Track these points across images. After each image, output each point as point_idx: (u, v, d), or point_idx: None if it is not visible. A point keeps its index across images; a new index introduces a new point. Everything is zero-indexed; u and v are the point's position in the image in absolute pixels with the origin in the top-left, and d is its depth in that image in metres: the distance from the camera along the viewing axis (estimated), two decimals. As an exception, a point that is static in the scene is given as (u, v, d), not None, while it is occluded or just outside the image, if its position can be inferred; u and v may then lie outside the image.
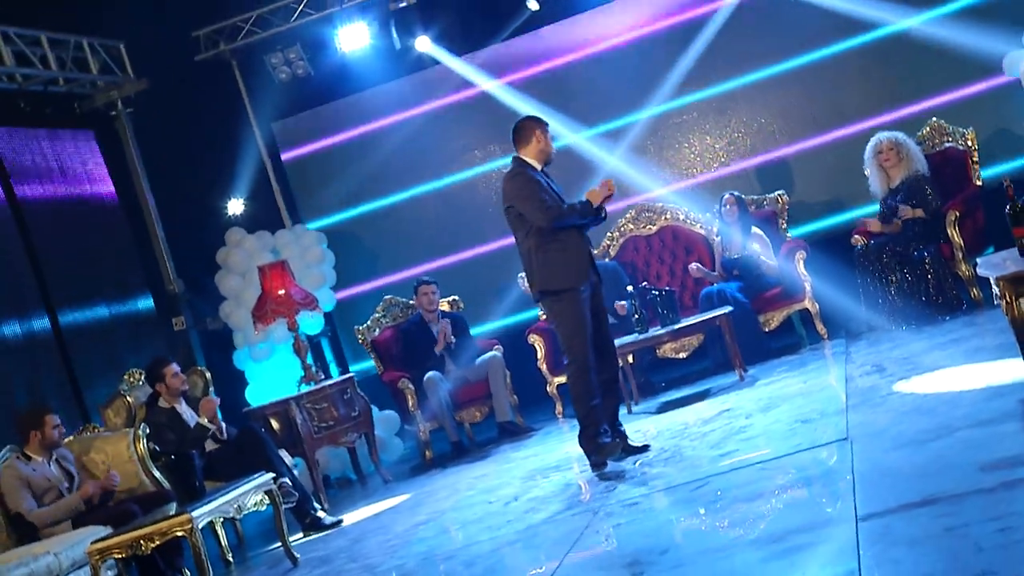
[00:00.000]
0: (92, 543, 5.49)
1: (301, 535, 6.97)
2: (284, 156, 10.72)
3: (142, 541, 5.40)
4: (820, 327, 8.34)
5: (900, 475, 4.13)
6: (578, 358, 6.06)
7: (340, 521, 7.10)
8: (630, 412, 7.77)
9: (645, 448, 6.18)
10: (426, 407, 8.51)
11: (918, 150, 8.02)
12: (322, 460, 8.45)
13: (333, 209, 10.59)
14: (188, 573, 6.42)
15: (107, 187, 10.12)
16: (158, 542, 5.45)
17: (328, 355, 10.59)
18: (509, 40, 10.09)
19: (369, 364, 9.64)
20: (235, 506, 5.86)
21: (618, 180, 9.50)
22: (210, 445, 7.15)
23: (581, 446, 6.15)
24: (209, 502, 5.65)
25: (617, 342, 7.56)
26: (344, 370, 10.25)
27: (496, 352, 8.76)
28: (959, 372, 5.61)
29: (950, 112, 8.78)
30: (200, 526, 5.48)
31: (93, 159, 10.04)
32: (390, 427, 9.32)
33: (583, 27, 10.02)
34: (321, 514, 7.11)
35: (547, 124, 6.28)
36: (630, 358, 8.15)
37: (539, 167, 6.19)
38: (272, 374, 9.57)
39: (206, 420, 7.09)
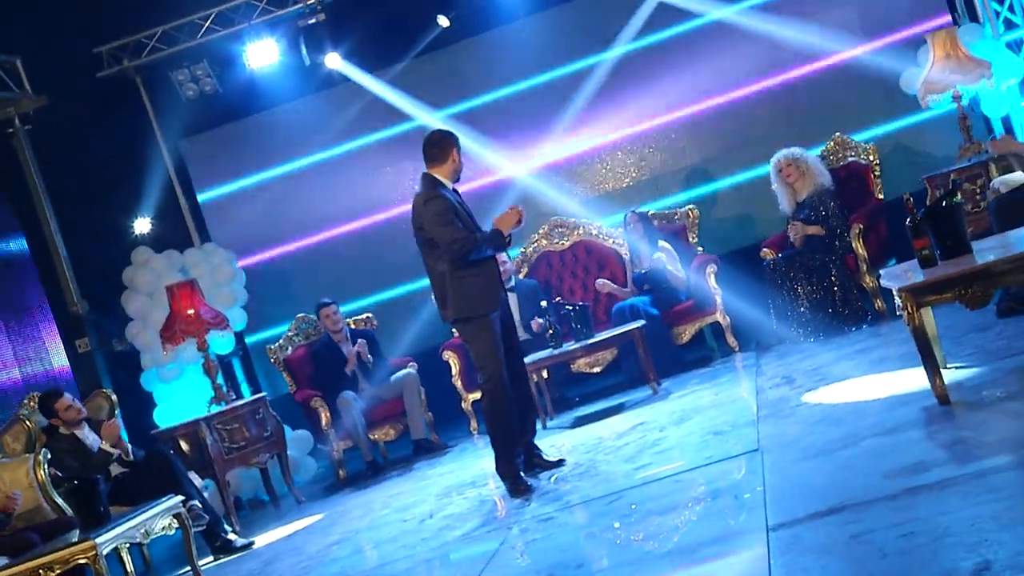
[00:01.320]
0: (-8, 573, 5.30)
1: (211, 559, 6.84)
2: (193, 173, 10.53)
3: (41, 571, 5.22)
4: (731, 340, 8.43)
5: (809, 485, 4.18)
6: (494, 381, 5.98)
7: (252, 543, 6.98)
8: (545, 427, 7.76)
9: (560, 463, 6.17)
10: (340, 426, 8.43)
11: (820, 164, 8.15)
12: (233, 481, 8.30)
13: (243, 228, 10.41)
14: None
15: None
16: (59, 571, 5.27)
17: (239, 375, 10.42)
18: (421, 56, 10.04)
19: (282, 384, 9.51)
20: (142, 531, 5.71)
21: (531, 196, 9.69)
22: (116, 469, 6.98)
23: (498, 472, 6.06)
24: (114, 527, 5.49)
25: (532, 358, 7.63)
26: (256, 390, 10.10)
27: (411, 369, 8.72)
28: (865, 382, 5.71)
29: (852, 122, 8.97)
30: (104, 552, 5.32)
31: (-12, 178, 9.77)
32: (303, 447, 9.19)
33: (495, 44, 10.04)
34: (232, 536, 6.98)
35: (457, 143, 6.16)
36: (544, 373, 8.15)
37: (450, 186, 6.11)
38: (181, 395, 9.39)
39: (108, 445, 6.91)
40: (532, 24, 9.96)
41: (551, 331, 7.90)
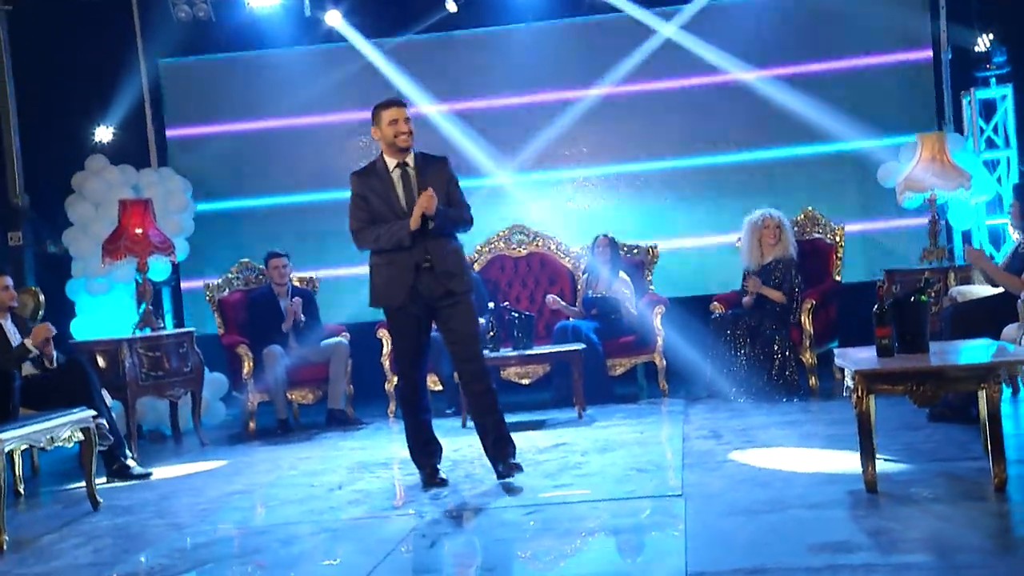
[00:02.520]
0: None
1: (105, 480, 6.68)
2: (167, 97, 10.34)
3: (-60, 452, 5.07)
4: (663, 383, 8.49)
5: (732, 540, 4.21)
6: (402, 379, 5.92)
7: (149, 474, 6.85)
8: (464, 426, 7.74)
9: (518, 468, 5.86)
10: (260, 379, 8.31)
11: (792, 234, 8.27)
12: (140, 409, 8.14)
13: (205, 163, 10.23)
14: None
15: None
16: (-43, 457, 5.14)
17: (166, 305, 10.22)
18: (422, 35, 9.98)
19: (206, 324, 9.37)
20: (48, 436, 5.57)
21: (502, 197, 9.69)
22: (28, 369, 6.80)
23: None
24: (22, 427, 5.36)
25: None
26: (179, 324, 9.93)
27: (342, 339, 8.64)
28: (793, 453, 5.78)
29: (824, 205, 9.09)
30: (5, 450, 5.19)
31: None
32: (216, 390, 9.06)
33: (496, 42, 10.03)
34: (131, 463, 6.85)
35: (395, 104, 5.70)
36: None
37: (393, 160, 5.68)
38: (103, 311, 9.21)
39: (31, 343, 6.73)
40: (537, 32, 9.95)
41: (492, 333, 7.89)
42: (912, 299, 4.94)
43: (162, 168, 9.96)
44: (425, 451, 5.86)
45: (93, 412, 6.08)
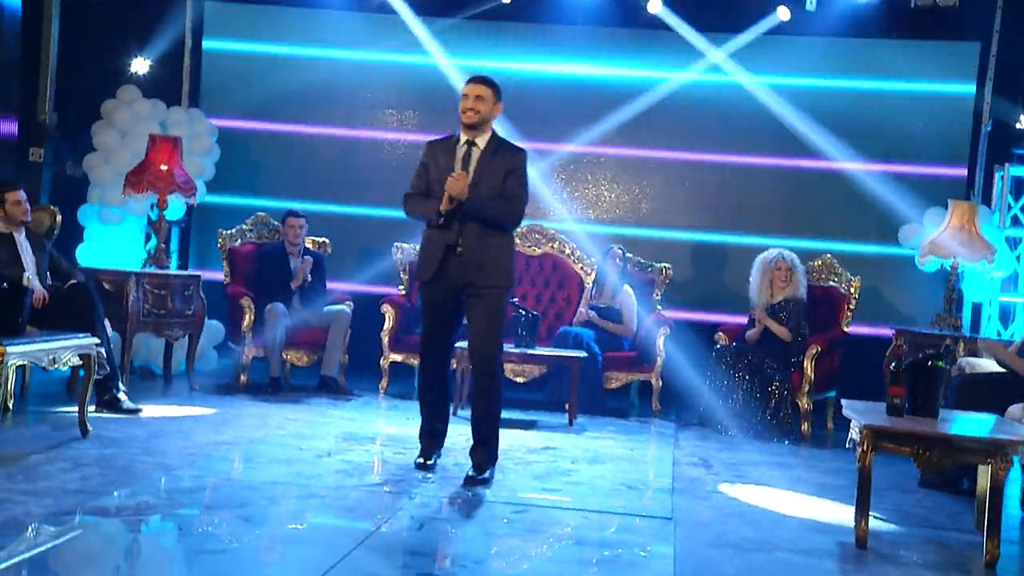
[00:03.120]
0: None
1: (94, 408, 6.64)
2: (206, 39, 10.30)
3: (-57, 357, 5.05)
4: (656, 403, 8.51)
5: (720, 571, 4.21)
6: (421, 352, 5.88)
7: (139, 410, 6.83)
8: (455, 414, 7.71)
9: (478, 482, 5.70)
10: (259, 333, 8.29)
11: (804, 277, 8.27)
12: (135, 345, 8.12)
13: (236, 110, 10.20)
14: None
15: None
16: (-42, 362, 5.11)
17: (173, 246, 10.18)
18: (472, 19, 9.96)
19: (210, 272, 9.34)
20: (51, 357, 5.56)
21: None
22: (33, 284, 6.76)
23: None
24: (29, 343, 5.33)
25: (462, 344, 7.59)
26: (183, 266, 9.90)
27: (346, 308, 8.62)
28: (782, 495, 5.78)
29: (850, 258, 9.12)
30: (10, 363, 5.16)
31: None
32: (212, 338, 9.05)
33: (542, 38, 10.02)
34: (122, 396, 6.83)
35: (471, 80, 5.66)
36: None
37: (464, 136, 5.61)
38: (112, 241, 9.17)
39: (27, 284, 6.62)
40: (587, 33, 9.94)
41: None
42: (930, 364, 4.95)
43: (192, 109, 9.92)
44: (427, 433, 5.84)
45: (96, 340, 6.06)
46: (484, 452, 5.63)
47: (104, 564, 3.90)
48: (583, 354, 8.01)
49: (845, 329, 8.35)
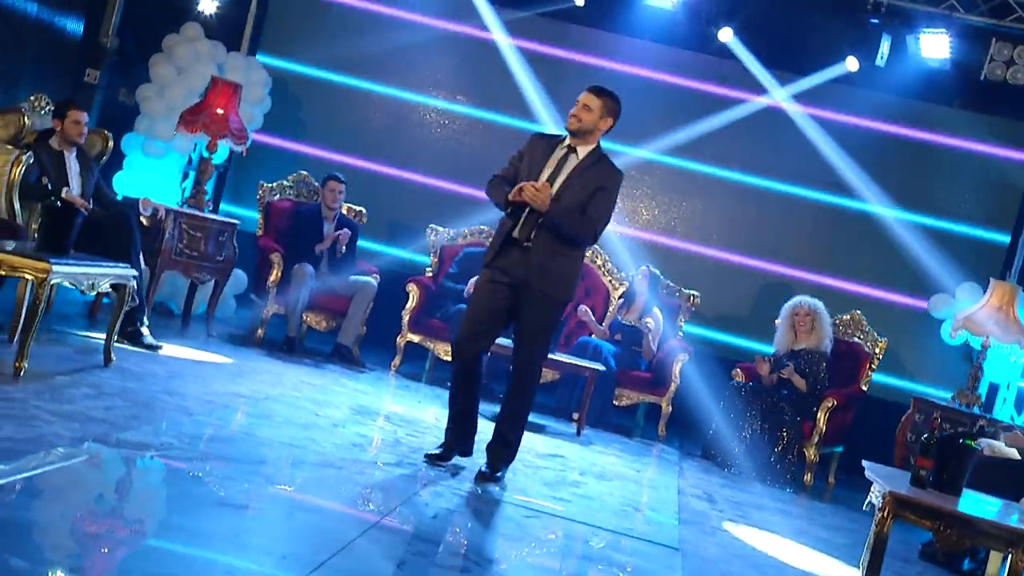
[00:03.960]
0: (-61, 237, 5.09)
1: (115, 339, 6.62)
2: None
3: (-11, 263, 5.03)
4: (662, 427, 8.50)
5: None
6: (458, 338, 5.63)
7: (160, 347, 6.82)
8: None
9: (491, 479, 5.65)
10: (283, 291, 8.27)
11: (830, 328, 8.26)
12: (159, 281, 8.11)
13: (297, 56, 10.19)
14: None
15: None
16: (2, 273, 5.09)
17: (208, 186, 10.15)
18: (545, 17, 9.96)
19: (241, 211, 9.37)
20: (90, 282, 5.54)
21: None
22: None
23: None
24: (73, 264, 5.31)
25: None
26: (216, 207, 9.89)
27: (372, 280, 8.60)
28: (785, 544, 5.76)
29: (874, 307, 9.12)
30: (52, 282, 5.15)
31: None
32: (234, 287, 9.02)
33: (609, 46, 10.01)
34: (145, 331, 6.81)
35: (588, 88, 5.59)
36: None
37: (568, 140, 5.55)
38: (149, 173, 9.16)
39: (68, 197, 6.62)
40: (653, 49, 9.93)
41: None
42: (961, 441, 4.93)
43: (251, 57, 9.91)
44: (451, 426, 5.72)
45: (135, 273, 6.04)
46: (502, 452, 5.60)
47: (126, 497, 3.88)
48: (601, 367, 8.00)
49: (864, 388, 8.33)
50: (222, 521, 3.76)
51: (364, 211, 9.17)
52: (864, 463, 5.39)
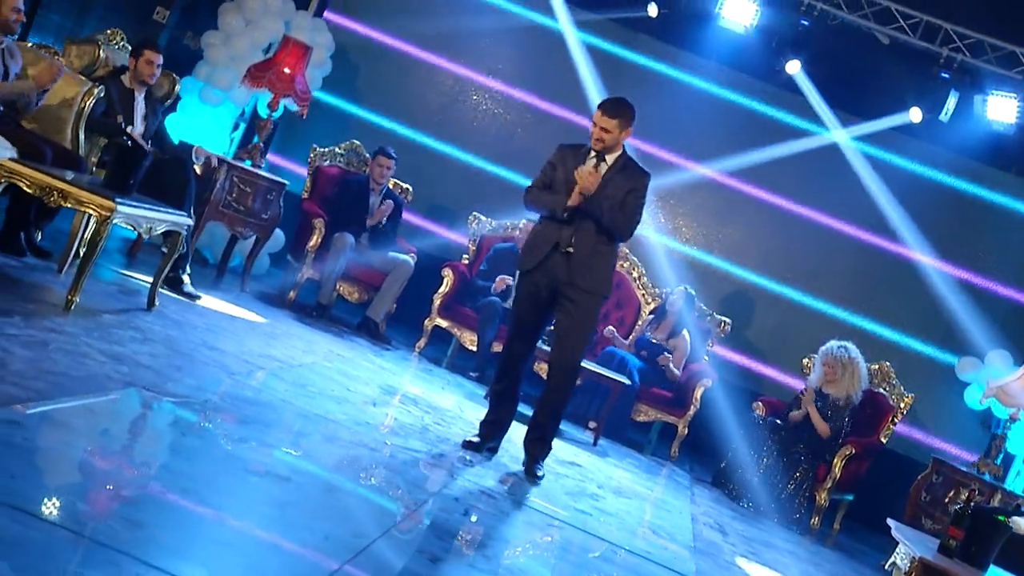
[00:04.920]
0: (10, 160, 5.08)
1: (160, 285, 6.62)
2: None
3: (56, 193, 5.01)
4: (675, 449, 8.49)
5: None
6: (506, 341, 5.98)
7: (198, 297, 6.80)
8: (486, 398, 7.72)
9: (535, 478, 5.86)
10: (321, 259, 8.26)
11: (864, 379, 8.19)
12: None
13: (364, 18, 10.17)
14: (40, 240, 6.05)
15: None
16: (67, 205, 5.07)
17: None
18: (617, 23, 9.94)
19: (293, 181, 9.33)
20: (148, 226, 5.52)
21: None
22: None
23: None
24: (135, 206, 5.30)
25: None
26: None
27: (409, 258, 8.57)
28: (796, 588, 5.76)
29: (901, 355, 9.10)
30: (113, 222, 5.14)
31: None
32: (271, 245, 8.99)
33: (674, 60, 9.99)
34: (186, 279, 6.79)
35: (600, 107, 5.77)
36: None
37: (594, 149, 5.71)
38: (201, 120, 9.13)
39: (138, 133, 6.62)
40: (719, 71, 9.91)
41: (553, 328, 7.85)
42: (995, 516, 4.92)
43: (318, 18, 9.87)
44: (490, 422, 5.86)
45: (190, 221, 6.03)
46: (541, 447, 5.83)
47: (177, 454, 3.86)
48: (627, 381, 7.98)
49: (883, 440, 8.30)
50: (267, 492, 3.75)
51: (410, 188, 9.14)
52: (890, 522, 5.39)
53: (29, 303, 4.98)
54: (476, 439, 5.81)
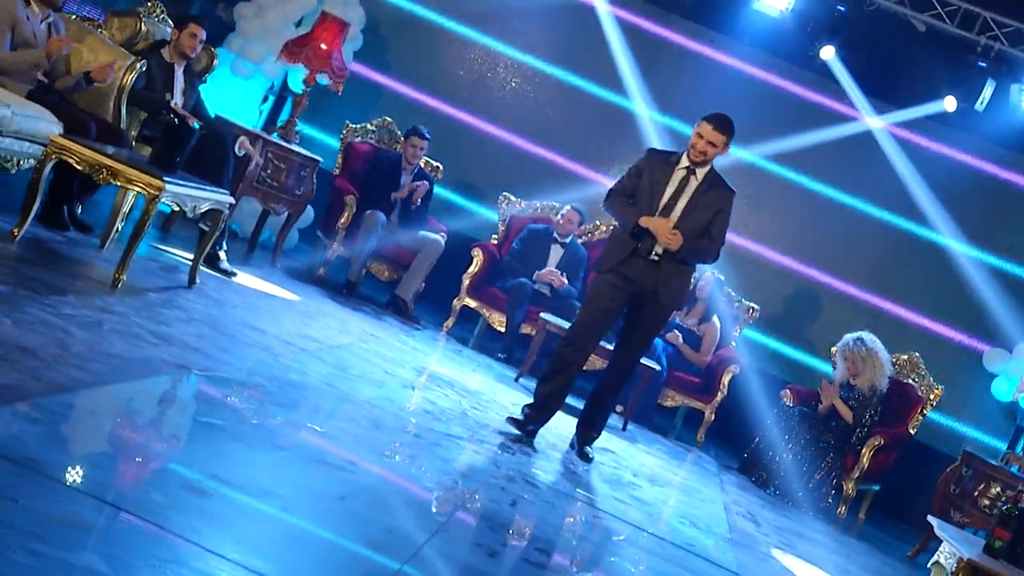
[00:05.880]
0: (60, 136, 5.05)
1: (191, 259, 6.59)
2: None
3: (105, 170, 4.98)
4: (701, 434, 8.48)
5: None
6: (570, 331, 5.96)
7: (235, 274, 6.78)
8: (517, 380, 7.73)
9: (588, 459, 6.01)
10: (352, 236, 8.22)
11: (887, 368, 8.14)
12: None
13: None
14: (80, 214, 6.03)
15: None
16: (116, 183, 5.04)
17: (284, 114, 10.07)
18: (649, 3, 9.87)
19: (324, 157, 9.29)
20: (193, 205, 5.49)
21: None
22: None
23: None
24: (183, 185, 5.26)
25: (550, 317, 7.66)
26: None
27: (440, 237, 8.53)
28: (832, 581, 5.76)
29: (929, 341, 9.06)
30: (162, 200, 5.10)
31: None
32: (300, 220, 8.95)
33: (708, 42, 9.91)
34: (222, 255, 6.75)
35: (707, 120, 5.73)
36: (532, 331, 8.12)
37: (687, 161, 5.78)
38: (230, 92, 9.07)
39: (180, 107, 6.59)
40: (753, 54, 9.82)
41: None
42: (1041, 518, 4.91)
43: (348, -6, 9.78)
44: (541, 401, 5.86)
45: (232, 200, 5.99)
46: (594, 433, 6.09)
47: (234, 439, 3.83)
48: (656, 366, 7.96)
49: (911, 432, 8.29)
50: (327, 483, 3.73)
51: (441, 167, 9.08)
52: (932, 520, 5.39)
53: (77, 280, 4.96)
54: (521, 417, 5.85)
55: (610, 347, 6.44)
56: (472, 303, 8.63)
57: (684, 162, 5.79)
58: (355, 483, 3.86)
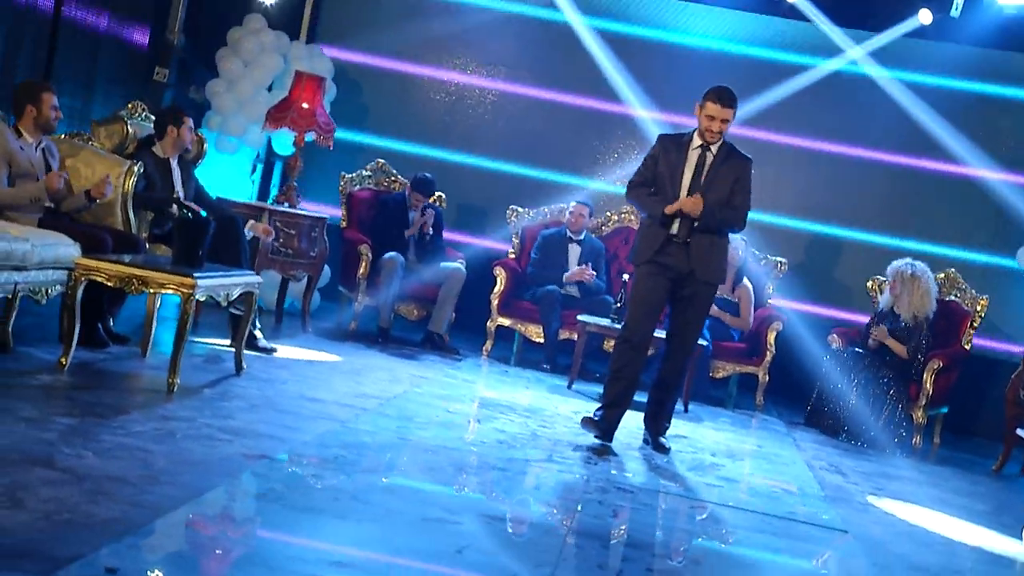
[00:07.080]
0: (85, 257, 5.04)
1: (228, 343, 6.58)
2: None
3: (136, 280, 4.96)
4: (760, 397, 8.46)
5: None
6: (624, 328, 5.95)
7: (274, 349, 6.77)
8: (569, 387, 7.71)
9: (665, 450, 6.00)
10: (374, 284, 8.20)
11: (934, 291, 8.12)
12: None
13: (355, 43, 10.01)
14: (113, 325, 6.02)
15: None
16: (149, 291, 5.03)
17: (275, 180, 10.07)
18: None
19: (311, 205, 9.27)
20: (225, 293, 5.47)
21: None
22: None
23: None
24: (212, 277, 5.25)
25: (587, 318, 7.65)
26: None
27: (460, 265, 8.52)
28: (933, 516, 5.70)
29: (961, 267, 9.01)
30: (197, 296, 5.09)
31: None
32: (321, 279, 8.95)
33: (675, 14, 9.86)
34: (258, 334, 6.75)
35: (720, 101, 5.69)
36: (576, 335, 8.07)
37: (699, 140, 5.81)
38: (220, 170, 9.06)
39: (183, 199, 6.58)
40: (722, 16, 9.77)
41: (619, 305, 7.82)
42: None
43: (312, 44, 9.78)
44: (611, 403, 5.85)
45: (260, 279, 5.98)
46: (666, 423, 6.14)
47: (338, 516, 3.80)
48: (702, 341, 7.93)
49: (967, 347, 8.26)
50: (441, 538, 3.70)
51: (443, 195, 9.05)
52: (1021, 432, 5.33)
53: (135, 395, 4.96)
54: (596, 418, 5.84)
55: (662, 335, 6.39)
56: (505, 321, 8.61)
57: (697, 141, 5.84)
58: (463, 532, 3.83)
